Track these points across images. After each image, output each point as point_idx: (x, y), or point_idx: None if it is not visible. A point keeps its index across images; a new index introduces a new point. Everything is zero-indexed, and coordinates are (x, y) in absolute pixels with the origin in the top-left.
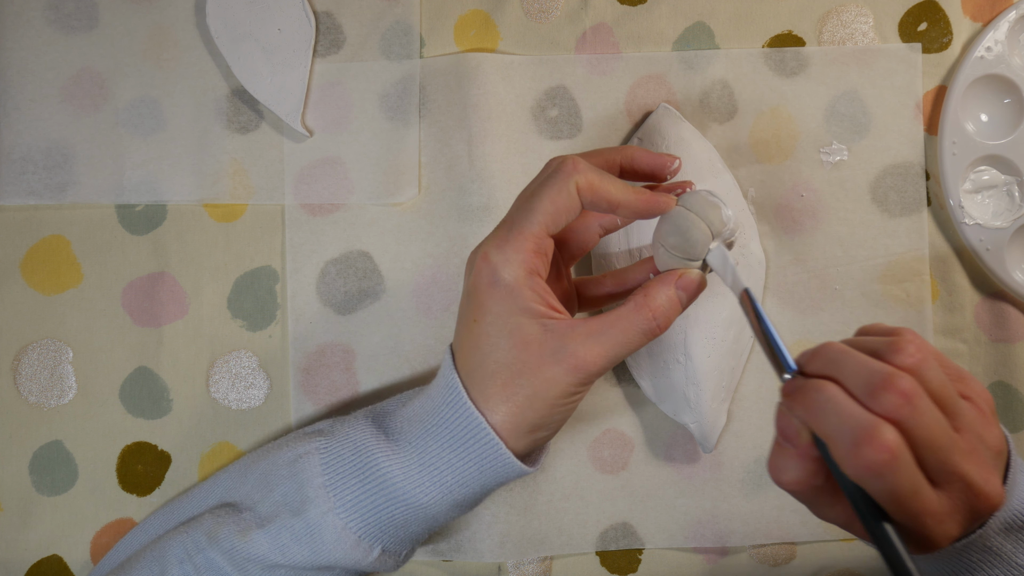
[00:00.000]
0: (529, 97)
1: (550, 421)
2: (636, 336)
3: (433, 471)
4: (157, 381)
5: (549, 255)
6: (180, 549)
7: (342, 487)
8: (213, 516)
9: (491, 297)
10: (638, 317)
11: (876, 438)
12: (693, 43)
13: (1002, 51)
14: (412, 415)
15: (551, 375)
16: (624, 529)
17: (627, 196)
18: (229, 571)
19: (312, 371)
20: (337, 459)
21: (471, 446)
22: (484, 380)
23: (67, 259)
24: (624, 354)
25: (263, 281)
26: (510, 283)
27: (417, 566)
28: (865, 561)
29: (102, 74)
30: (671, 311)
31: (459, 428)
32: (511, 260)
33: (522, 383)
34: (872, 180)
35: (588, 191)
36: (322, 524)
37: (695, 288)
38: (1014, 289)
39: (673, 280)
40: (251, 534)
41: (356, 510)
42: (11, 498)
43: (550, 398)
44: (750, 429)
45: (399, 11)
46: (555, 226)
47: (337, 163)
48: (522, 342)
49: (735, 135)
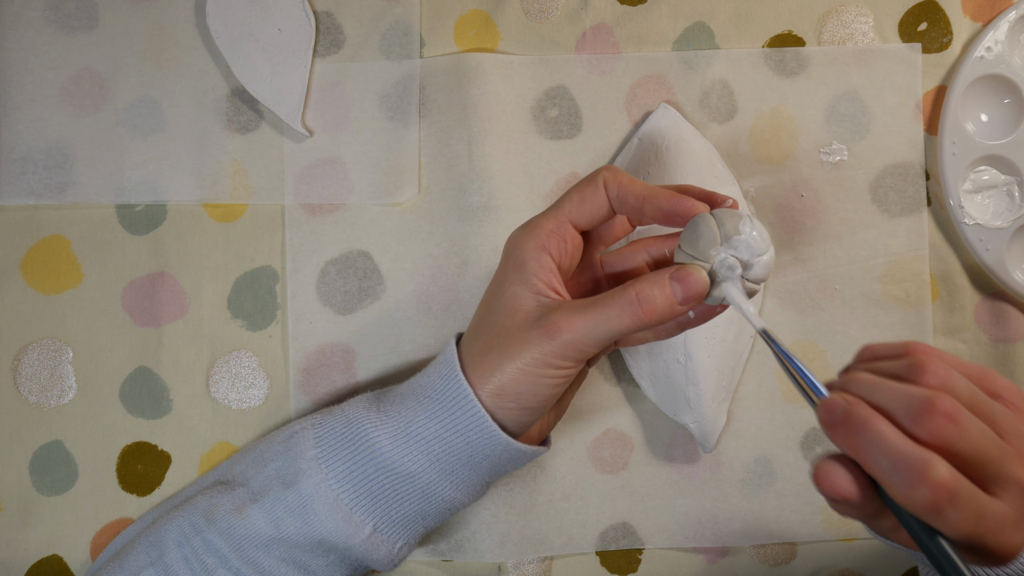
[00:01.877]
0: (529, 97)
1: (518, 389)
2: (617, 314)
3: (420, 440)
4: (157, 381)
5: (569, 244)
6: (177, 532)
7: (333, 458)
8: (207, 496)
9: (502, 269)
10: (622, 297)
11: (930, 478)
12: (693, 43)
13: (1002, 51)
14: (407, 389)
15: (526, 339)
16: (624, 529)
17: (652, 191)
18: (226, 552)
19: (312, 371)
20: (329, 432)
21: (456, 414)
22: (471, 340)
23: (67, 259)
24: (604, 331)
25: (263, 281)
26: (519, 256)
27: (417, 566)
28: (865, 561)
29: (102, 74)
30: (660, 299)
31: (447, 398)
32: (526, 236)
33: (498, 343)
34: (872, 180)
35: (614, 184)
36: (314, 495)
37: (692, 284)
38: (1014, 289)
39: (669, 271)
40: (247, 510)
41: (348, 480)
42: (11, 498)
43: (521, 362)
44: (750, 429)
45: (399, 11)
46: (579, 214)
47: (337, 163)
48: (513, 309)
49: (735, 135)
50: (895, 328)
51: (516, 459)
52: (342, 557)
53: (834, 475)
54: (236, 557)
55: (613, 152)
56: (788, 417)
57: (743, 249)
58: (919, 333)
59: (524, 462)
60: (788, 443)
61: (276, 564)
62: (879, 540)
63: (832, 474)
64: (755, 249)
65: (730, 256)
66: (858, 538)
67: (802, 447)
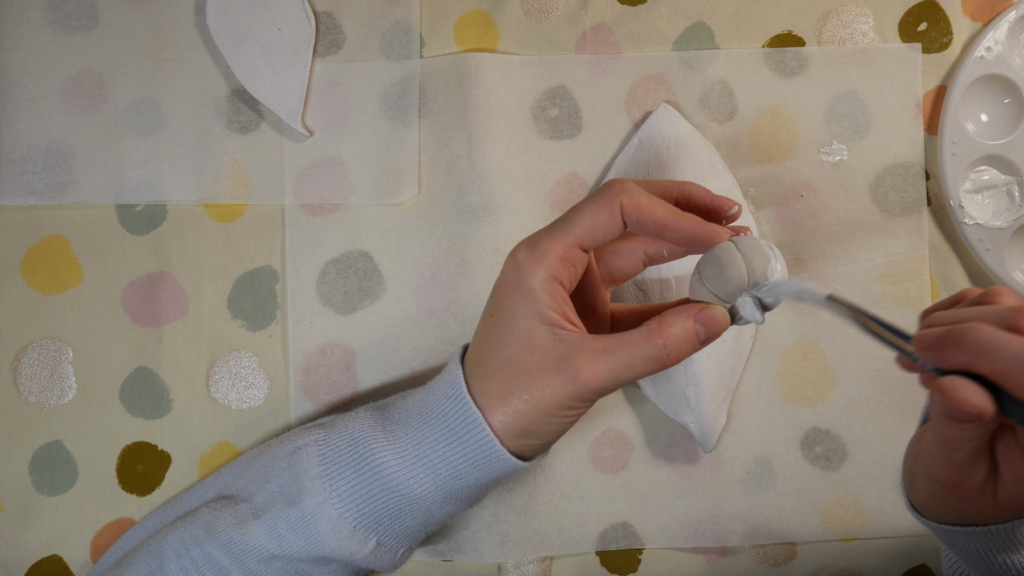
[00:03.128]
0: (529, 97)
1: (541, 429)
2: (643, 362)
3: (427, 463)
4: (157, 381)
5: (579, 268)
6: (178, 543)
7: (338, 477)
8: (210, 509)
9: (510, 295)
10: (649, 344)
11: None
12: (693, 43)
13: (1002, 51)
14: (412, 407)
15: (549, 383)
16: (624, 529)
17: (675, 218)
18: (227, 565)
19: (312, 371)
20: (334, 450)
21: (466, 440)
22: (485, 376)
23: (67, 259)
24: (629, 377)
25: (263, 281)
26: (530, 285)
27: (417, 566)
28: (865, 561)
29: (102, 74)
30: (685, 343)
31: (456, 421)
32: (536, 262)
33: (519, 384)
34: (872, 180)
35: (633, 210)
36: (318, 514)
37: (716, 325)
38: (1014, 289)
39: (693, 312)
40: (248, 526)
41: (351, 500)
42: (11, 498)
43: (543, 406)
44: (750, 429)
45: (399, 11)
46: (591, 240)
47: (337, 163)
48: (529, 345)
49: (735, 135)
50: None
51: (515, 472)
52: (344, 565)
53: (963, 388)
54: (237, 569)
55: (613, 152)
56: (788, 417)
57: (767, 293)
58: None
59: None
60: (788, 443)
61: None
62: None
63: (961, 387)
64: (780, 291)
65: (749, 300)
66: (858, 538)
67: (802, 447)
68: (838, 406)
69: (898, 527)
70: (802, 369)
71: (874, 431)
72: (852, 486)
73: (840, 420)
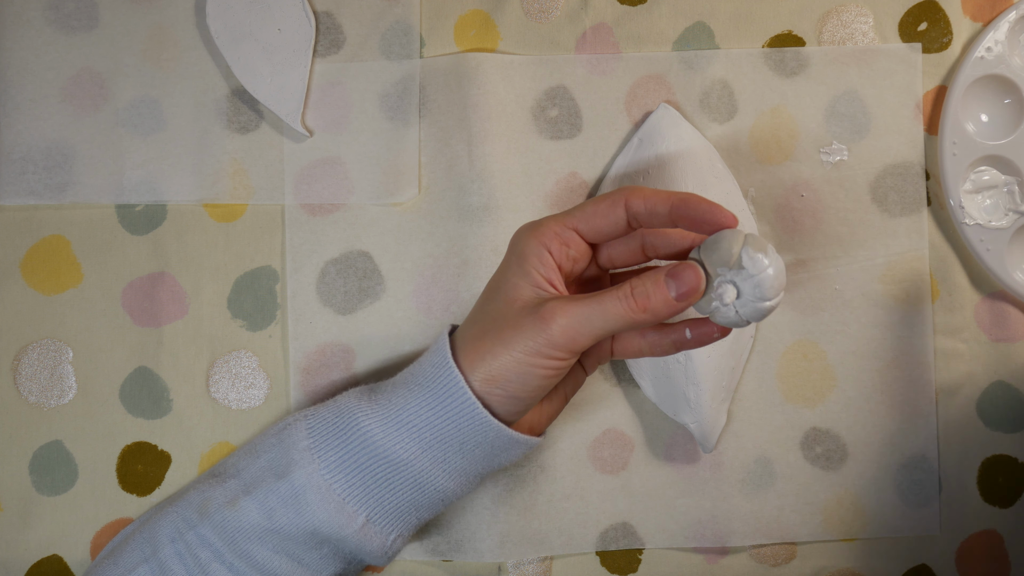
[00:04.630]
0: (529, 97)
1: (514, 379)
2: (612, 306)
3: (411, 427)
4: (157, 381)
5: (572, 249)
6: (170, 527)
7: (325, 448)
8: (200, 491)
9: (505, 262)
10: (618, 290)
11: None
12: (693, 43)
13: (1002, 51)
14: (399, 379)
15: (521, 326)
16: (624, 529)
17: (687, 195)
18: (220, 546)
19: (312, 371)
20: (321, 422)
21: (446, 400)
22: (470, 338)
23: (67, 259)
24: (599, 323)
25: (263, 281)
26: (521, 250)
27: (417, 566)
28: (865, 561)
29: (102, 74)
30: (655, 295)
31: (438, 385)
32: (531, 232)
33: (494, 330)
34: (872, 180)
35: (640, 199)
36: (307, 485)
37: (687, 279)
38: (1014, 289)
39: (666, 268)
40: (239, 502)
41: (340, 469)
42: (11, 498)
43: (515, 352)
44: (750, 429)
45: (399, 11)
46: (588, 225)
47: (337, 163)
48: (511, 298)
49: (735, 135)
50: (895, 328)
51: (508, 448)
52: (335, 549)
53: None
54: (230, 551)
55: (613, 152)
56: (788, 417)
57: (748, 285)
58: (919, 333)
59: (517, 453)
60: (788, 443)
61: (270, 556)
62: None
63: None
64: (762, 292)
65: (729, 285)
66: (858, 538)
67: (802, 447)
68: (838, 406)
69: (898, 527)
70: (802, 369)
71: (874, 431)
72: (852, 486)
73: (840, 420)
